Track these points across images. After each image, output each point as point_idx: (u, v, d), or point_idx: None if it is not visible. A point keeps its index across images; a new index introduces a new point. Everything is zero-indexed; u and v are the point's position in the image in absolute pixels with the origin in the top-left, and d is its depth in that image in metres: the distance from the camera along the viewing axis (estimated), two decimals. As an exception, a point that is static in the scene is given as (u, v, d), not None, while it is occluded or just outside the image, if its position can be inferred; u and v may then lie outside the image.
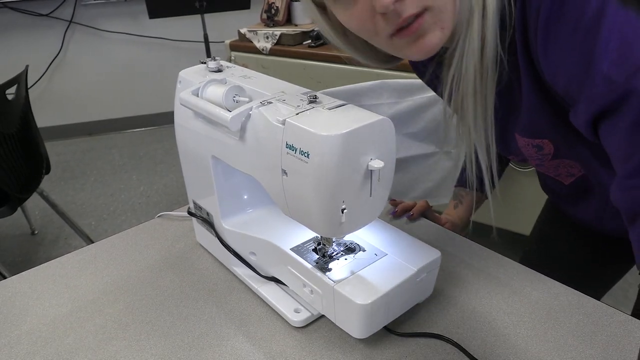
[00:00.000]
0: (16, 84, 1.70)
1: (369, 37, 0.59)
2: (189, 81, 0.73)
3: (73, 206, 2.58)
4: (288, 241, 0.71)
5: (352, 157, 0.54)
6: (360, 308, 0.60)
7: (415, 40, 0.55)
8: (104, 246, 0.89)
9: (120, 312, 0.73)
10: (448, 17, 0.54)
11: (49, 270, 0.83)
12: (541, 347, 0.64)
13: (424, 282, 0.67)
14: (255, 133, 0.62)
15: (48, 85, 3.34)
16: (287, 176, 0.58)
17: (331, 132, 0.52)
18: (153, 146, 3.27)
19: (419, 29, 0.54)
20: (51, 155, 1.95)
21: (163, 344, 0.67)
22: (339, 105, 0.59)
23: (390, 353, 0.64)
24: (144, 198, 2.65)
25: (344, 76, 1.73)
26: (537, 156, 0.68)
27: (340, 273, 0.65)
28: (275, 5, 2.05)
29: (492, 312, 0.71)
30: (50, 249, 2.24)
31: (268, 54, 1.97)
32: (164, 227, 0.94)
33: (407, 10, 0.53)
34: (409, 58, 0.59)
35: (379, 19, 0.54)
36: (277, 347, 0.66)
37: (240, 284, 0.78)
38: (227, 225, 0.76)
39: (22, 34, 3.18)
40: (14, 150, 1.65)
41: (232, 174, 0.74)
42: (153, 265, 0.83)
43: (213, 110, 0.64)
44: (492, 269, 0.79)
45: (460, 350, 0.64)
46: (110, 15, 3.26)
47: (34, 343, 0.68)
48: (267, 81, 0.70)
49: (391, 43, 0.57)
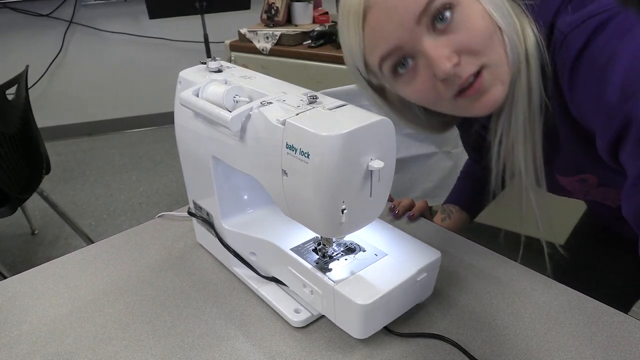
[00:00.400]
0: (16, 84, 1.70)
1: (432, 104, 0.62)
2: (189, 81, 0.73)
3: (73, 206, 2.57)
4: (288, 241, 0.71)
5: (352, 157, 0.54)
6: (360, 308, 0.60)
7: (478, 98, 0.58)
8: (104, 246, 0.89)
9: (120, 312, 0.73)
10: (505, 71, 0.58)
11: (49, 270, 0.83)
12: (541, 347, 0.64)
13: (424, 283, 0.67)
14: (255, 133, 0.62)
15: (48, 85, 3.34)
16: (287, 176, 0.58)
17: (331, 133, 0.52)
18: (153, 146, 3.27)
19: (480, 87, 0.57)
20: (51, 155, 1.95)
21: (163, 344, 0.67)
22: (339, 106, 0.59)
23: (390, 353, 0.64)
24: (144, 198, 2.64)
25: (344, 76, 1.73)
26: (583, 188, 0.70)
27: (341, 273, 0.65)
28: (275, 5, 2.05)
29: (492, 312, 0.71)
30: (50, 249, 2.24)
31: (268, 54, 1.97)
32: (164, 227, 0.94)
33: (466, 71, 0.56)
34: (474, 115, 0.62)
35: (440, 85, 0.58)
36: (277, 347, 0.66)
37: (240, 284, 0.78)
38: (227, 226, 0.76)
39: (22, 34, 3.18)
40: (14, 150, 1.65)
41: (232, 174, 0.74)
42: (153, 265, 0.83)
43: (213, 110, 0.64)
44: (493, 269, 0.79)
45: (460, 350, 0.64)
46: (110, 15, 3.26)
47: (34, 343, 0.68)
48: (267, 81, 0.70)
49: (455, 104, 0.60)
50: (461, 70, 0.56)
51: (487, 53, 0.57)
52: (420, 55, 0.58)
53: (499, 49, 0.57)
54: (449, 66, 0.55)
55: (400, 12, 0.56)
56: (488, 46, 0.57)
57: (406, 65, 0.59)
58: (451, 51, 0.56)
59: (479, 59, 0.57)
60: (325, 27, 2.00)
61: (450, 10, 0.56)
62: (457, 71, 0.56)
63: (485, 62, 0.57)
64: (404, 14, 0.56)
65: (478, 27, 0.56)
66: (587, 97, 0.54)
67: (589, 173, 0.66)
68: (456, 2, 0.56)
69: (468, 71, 0.57)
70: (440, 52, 0.56)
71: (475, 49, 0.56)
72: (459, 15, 0.56)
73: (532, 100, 0.59)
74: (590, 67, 0.53)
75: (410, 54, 0.59)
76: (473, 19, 0.56)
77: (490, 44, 0.57)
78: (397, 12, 0.56)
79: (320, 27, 2.00)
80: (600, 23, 0.52)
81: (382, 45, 0.58)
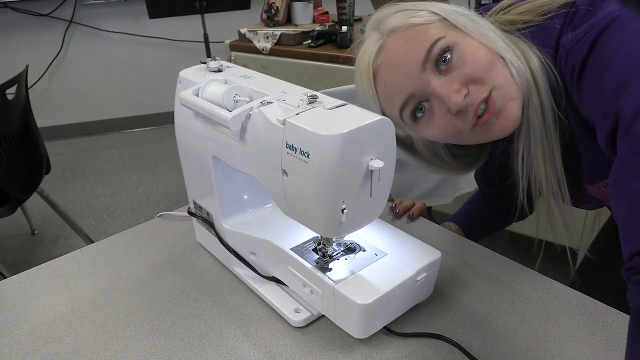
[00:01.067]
0: (16, 83, 1.70)
1: (455, 138, 0.65)
2: (189, 81, 0.73)
3: (73, 206, 2.57)
4: (288, 241, 0.71)
5: (352, 157, 0.54)
6: (360, 308, 0.60)
7: (496, 119, 0.62)
8: (104, 246, 0.89)
9: (120, 312, 0.73)
10: (513, 89, 0.61)
11: (49, 270, 0.83)
12: (541, 347, 0.64)
13: (424, 282, 0.67)
14: (255, 133, 0.62)
15: (48, 85, 3.34)
16: (287, 176, 0.58)
17: (331, 132, 0.52)
18: (153, 146, 3.26)
19: (494, 109, 0.61)
20: (51, 155, 1.95)
21: (163, 344, 0.67)
22: (339, 105, 0.59)
23: (390, 353, 0.64)
24: (144, 198, 2.64)
25: (344, 76, 1.73)
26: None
27: (341, 273, 0.65)
28: (275, 5, 2.05)
29: (492, 312, 0.71)
30: (50, 249, 2.24)
31: (268, 54, 1.96)
32: (164, 227, 0.94)
33: (476, 99, 0.60)
34: (496, 137, 0.64)
35: (456, 118, 0.62)
36: (277, 347, 0.66)
37: (240, 284, 0.78)
38: (227, 225, 0.76)
39: (22, 34, 3.18)
40: (14, 150, 1.65)
41: (232, 174, 0.74)
42: (153, 265, 0.83)
43: (213, 110, 0.64)
44: (492, 269, 0.79)
45: (460, 350, 0.64)
46: (110, 15, 3.26)
47: (34, 343, 0.68)
48: (267, 81, 0.70)
49: (475, 133, 0.63)
50: (472, 99, 0.60)
51: (493, 77, 0.60)
52: (432, 96, 0.62)
53: (503, 71, 0.61)
54: (460, 99, 0.60)
55: (405, 66, 0.61)
56: (491, 70, 0.60)
57: (423, 110, 0.64)
58: (459, 85, 0.60)
59: (486, 85, 0.60)
60: (325, 27, 2.00)
61: (449, 51, 0.61)
62: (468, 101, 0.60)
63: (492, 85, 0.60)
64: (409, 66, 0.61)
65: (477, 57, 0.60)
66: (591, 99, 0.58)
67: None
68: (453, 43, 0.61)
69: (478, 98, 0.60)
70: (449, 88, 0.60)
71: (479, 77, 0.60)
72: (457, 53, 0.60)
73: (545, 116, 0.63)
74: (592, 71, 0.56)
75: (424, 98, 0.63)
76: (471, 52, 0.61)
77: (493, 69, 0.60)
78: (403, 65, 0.62)
79: (320, 27, 2.00)
80: (598, 32, 0.55)
81: (397, 98, 0.64)
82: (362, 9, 2.12)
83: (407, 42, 0.62)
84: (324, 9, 2.17)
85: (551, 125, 0.64)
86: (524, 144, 0.66)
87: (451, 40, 0.61)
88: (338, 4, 1.97)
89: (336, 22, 2.02)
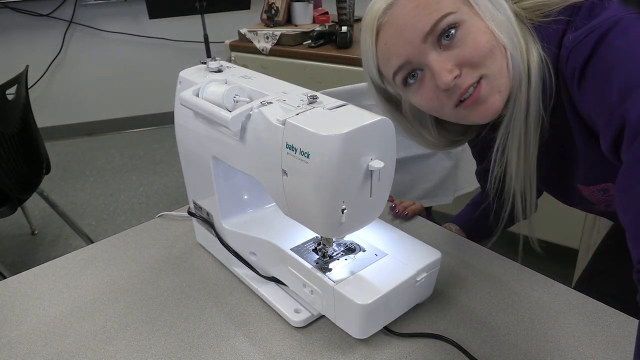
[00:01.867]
0: (16, 84, 1.70)
1: (437, 112, 0.67)
2: (189, 81, 0.73)
3: (73, 206, 2.57)
4: (288, 241, 0.71)
5: (352, 157, 0.54)
6: (360, 308, 0.60)
7: (478, 106, 0.63)
8: (104, 246, 0.89)
9: (121, 312, 0.73)
10: (503, 82, 0.62)
11: (49, 270, 0.83)
12: (541, 347, 0.64)
13: (424, 283, 0.67)
14: (255, 133, 0.62)
15: (48, 85, 3.34)
16: (287, 176, 0.58)
17: (331, 132, 0.52)
18: (153, 146, 3.26)
19: (478, 97, 0.62)
20: (51, 155, 1.95)
21: (163, 344, 0.67)
22: (339, 106, 0.59)
23: (390, 353, 0.64)
24: (144, 198, 2.64)
25: (344, 76, 1.73)
26: (604, 199, 0.72)
27: (341, 273, 0.65)
28: (275, 5, 2.05)
29: (492, 312, 0.71)
30: (50, 249, 2.24)
31: (268, 54, 1.96)
32: (164, 227, 0.94)
33: (465, 82, 0.61)
34: (473, 123, 0.66)
35: (443, 95, 0.63)
36: (277, 347, 0.66)
37: (240, 284, 0.78)
38: (227, 225, 0.76)
39: (22, 34, 3.17)
40: (14, 150, 1.65)
41: (232, 174, 0.74)
42: (153, 265, 0.83)
43: (213, 110, 0.64)
44: (492, 269, 0.79)
45: (460, 350, 0.64)
46: (110, 15, 3.26)
47: (34, 343, 0.68)
48: (267, 81, 0.70)
49: (456, 113, 0.65)
50: (461, 81, 0.61)
51: (487, 65, 0.61)
52: (426, 67, 0.63)
53: (500, 62, 0.61)
54: (450, 78, 0.60)
55: (409, 30, 0.61)
56: (488, 58, 0.61)
57: (415, 77, 0.65)
58: (453, 64, 0.61)
59: (479, 70, 0.61)
60: (325, 27, 2.00)
61: (454, 28, 0.61)
62: (457, 82, 0.61)
63: (484, 72, 0.61)
64: (413, 33, 0.61)
65: (479, 41, 0.61)
66: (593, 102, 0.58)
67: (609, 182, 0.68)
68: (460, 20, 0.61)
69: (467, 82, 0.61)
70: (442, 65, 0.61)
71: (475, 62, 0.61)
72: (462, 32, 0.61)
73: (529, 114, 0.64)
74: (595, 74, 0.57)
75: (418, 67, 0.64)
76: (475, 35, 0.61)
77: (490, 57, 0.61)
78: (407, 30, 0.61)
79: (320, 27, 2.00)
80: (601, 34, 0.56)
81: (394, 60, 0.64)
82: (362, 9, 2.11)
83: (416, 7, 0.61)
84: (324, 9, 2.17)
85: (532, 123, 0.64)
86: (502, 135, 0.67)
87: (460, 17, 0.60)
88: (338, 4, 1.97)
89: (336, 23, 2.02)
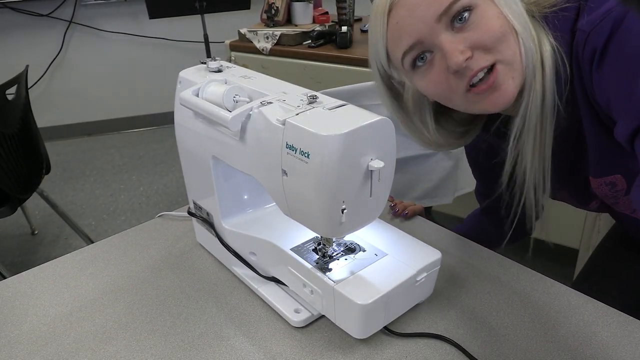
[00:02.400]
0: (16, 84, 1.70)
1: (445, 97, 0.65)
2: (189, 81, 0.73)
3: (73, 206, 2.57)
4: (288, 241, 0.71)
5: (352, 157, 0.54)
6: (360, 308, 0.60)
7: (491, 93, 0.61)
8: (104, 246, 0.89)
9: (120, 312, 0.73)
10: (517, 69, 0.61)
11: (49, 270, 0.83)
12: (541, 347, 0.64)
13: (424, 283, 0.67)
14: (255, 133, 0.62)
15: (48, 85, 3.34)
16: (287, 176, 0.58)
17: (331, 132, 0.52)
18: (153, 146, 3.26)
19: (494, 82, 0.60)
20: (51, 155, 1.95)
21: (163, 344, 0.67)
22: (339, 105, 0.59)
23: (390, 353, 0.64)
24: (143, 198, 2.64)
25: (344, 76, 1.73)
26: (611, 194, 0.72)
27: (341, 273, 0.65)
28: (275, 5, 2.05)
29: (492, 312, 0.71)
30: (50, 249, 2.24)
31: (268, 54, 1.96)
32: (164, 227, 0.94)
33: (477, 65, 0.60)
34: (486, 111, 0.65)
35: (453, 78, 0.61)
36: (277, 347, 0.66)
37: (240, 284, 0.78)
38: (227, 225, 0.76)
39: (22, 34, 3.17)
40: (14, 150, 1.65)
41: (232, 174, 0.74)
42: (153, 265, 0.83)
43: (213, 110, 0.64)
44: (492, 269, 0.79)
45: (460, 350, 0.64)
46: (110, 15, 3.26)
47: (34, 343, 0.68)
48: (267, 81, 0.70)
49: (466, 99, 0.63)
50: (473, 63, 0.60)
51: (501, 50, 0.60)
52: (437, 49, 0.61)
53: (514, 48, 0.60)
54: (462, 59, 0.59)
55: (423, 9, 0.60)
56: (502, 43, 0.60)
57: (424, 59, 0.63)
58: (465, 46, 0.59)
59: (492, 55, 0.60)
60: (325, 27, 2.00)
61: (468, 11, 0.59)
62: (469, 64, 0.60)
63: (498, 58, 0.60)
64: (426, 12, 0.60)
65: (492, 25, 0.60)
66: (615, 86, 0.57)
67: (618, 174, 0.68)
68: (475, 4, 0.59)
69: (479, 65, 0.60)
70: (454, 46, 0.59)
71: (488, 46, 0.60)
72: (476, 15, 0.60)
73: (545, 103, 0.63)
74: (618, 58, 0.56)
75: (429, 48, 0.62)
76: (488, 19, 0.60)
77: (504, 42, 0.60)
78: (420, 9, 0.60)
79: (320, 27, 2.00)
80: (618, 16, 0.55)
81: (405, 39, 0.62)
82: (362, 9, 2.12)
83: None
84: (324, 9, 2.16)
85: (548, 113, 0.63)
86: (518, 126, 0.66)
87: (475, 1, 0.60)
88: (338, 4, 1.97)
89: (336, 22, 2.02)
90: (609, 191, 0.71)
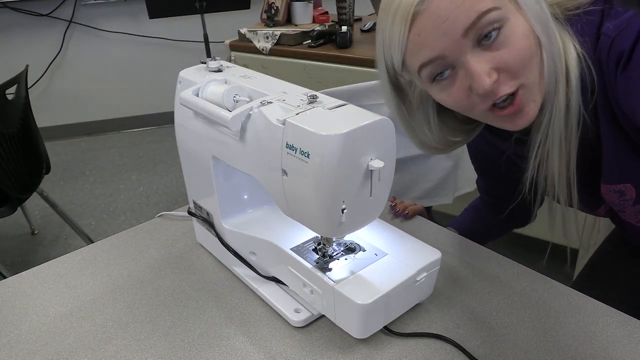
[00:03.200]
0: (16, 84, 1.70)
1: (464, 110, 0.64)
2: (189, 81, 0.73)
3: (73, 206, 2.57)
4: (288, 241, 0.71)
5: (352, 157, 0.54)
6: (360, 308, 0.60)
7: (514, 116, 0.61)
8: (104, 246, 0.89)
9: (120, 312, 0.73)
10: (538, 91, 0.60)
11: (49, 270, 0.83)
12: (541, 347, 0.64)
13: (424, 283, 0.67)
14: (255, 133, 0.62)
15: (48, 85, 3.34)
16: (287, 176, 0.58)
17: (331, 132, 0.52)
18: (153, 146, 3.26)
19: (517, 108, 0.60)
20: (51, 155, 1.95)
21: (163, 344, 0.67)
22: (339, 105, 0.59)
23: (390, 353, 0.64)
24: (143, 198, 2.64)
25: (344, 76, 1.73)
26: (619, 202, 0.71)
27: (341, 273, 0.65)
28: (275, 5, 2.05)
29: (492, 312, 0.71)
30: (50, 249, 2.24)
31: (268, 54, 1.96)
32: (164, 227, 0.94)
33: (502, 90, 0.58)
34: (506, 128, 0.64)
35: (476, 97, 0.60)
36: (277, 347, 0.66)
37: (240, 284, 0.78)
38: (227, 225, 0.76)
39: (22, 34, 3.17)
40: (14, 150, 1.65)
41: (232, 174, 0.74)
42: (153, 265, 0.83)
43: (213, 110, 0.64)
44: (492, 269, 0.79)
45: (460, 350, 0.64)
46: (110, 15, 3.26)
47: (34, 343, 0.68)
48: (267, 81, 0.70)
49: (487, 115, 0.62)
50: (498, 87, 0.58)
51: (526, 74, 0.58)
52: (461, 66, 0.59)
53: (537, 69, 0.59)
54: (489, 82, 0.57)
55: (449, 23, 0.56)
56: (527, 67, 0.58)
57: (444, 75, 0.61)
58: (491, 67, 0.57)
59: (517, 80, 0.58)
60: (325, 27, 2.00)
61: (497, 29, 0.57)
62: (495, 88, 0.58)
63: (523, 82, 0.59)
64: (453, 25, 0.56)
65: (520, 47, 0.57)
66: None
67: (628, 182, 0.68)
68: (504, 20, 0.56)
69: (505, 90, 0.58)
70: (481, 67, 0.57)
71: (514, 69, 0.58)
72: (504, 34, 0.57)
73: (570, 116, 0.62)
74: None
75: (452, 64, 0.60)
76: (517, 38, 0.57)
77: (529, 65, 0.58)
78: (447, 22, 0.56)
79: (320, 27, 2.00)
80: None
81: (426, 52, 0.59)
82: (362, 9, 2.12)
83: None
84: (324, 9, 2.16)
85: (574, 125, 0.62)
86: (541, 139, 0.64)
87: (504, 14, 0.56)
88: (338, 4, 1.97)
89: (336, 22, 2.02)
90: (617, 199, 0.70)
